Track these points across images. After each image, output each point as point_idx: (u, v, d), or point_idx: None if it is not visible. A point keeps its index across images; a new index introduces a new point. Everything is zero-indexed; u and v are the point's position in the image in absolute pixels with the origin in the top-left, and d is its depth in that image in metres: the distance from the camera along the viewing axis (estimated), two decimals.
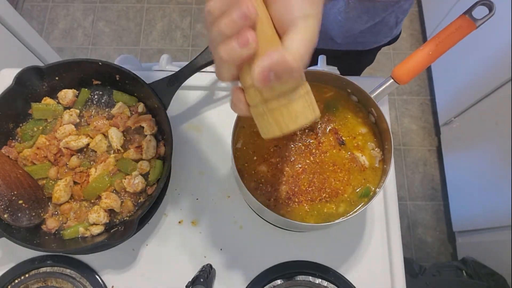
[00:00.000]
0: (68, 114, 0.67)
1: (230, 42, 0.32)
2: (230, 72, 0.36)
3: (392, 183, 0.71)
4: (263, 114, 0.37)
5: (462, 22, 0.56)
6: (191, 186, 0.71)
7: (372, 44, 0.90)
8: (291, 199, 0.58)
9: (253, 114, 0.38)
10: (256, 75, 0.32)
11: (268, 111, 0.36)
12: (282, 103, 0.35)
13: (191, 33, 2.11)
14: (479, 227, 1.52)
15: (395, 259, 0.67)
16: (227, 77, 0.36)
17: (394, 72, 0.59)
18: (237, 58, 0.33)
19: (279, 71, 0.32)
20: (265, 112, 0.36)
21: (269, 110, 0.36)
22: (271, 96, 0.35)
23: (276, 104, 0.36)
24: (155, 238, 0.68)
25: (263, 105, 0.36)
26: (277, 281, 0.65)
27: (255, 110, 0.37)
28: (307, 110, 0.36)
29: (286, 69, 0.32)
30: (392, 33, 0.88)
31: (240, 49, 0.32)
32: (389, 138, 0.57)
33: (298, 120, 0.36)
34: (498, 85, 1.35)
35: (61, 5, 2.15)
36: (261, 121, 0.38)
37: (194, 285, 0.56)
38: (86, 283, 0.64)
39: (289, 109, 0.36)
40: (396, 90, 1.99)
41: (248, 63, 0.34)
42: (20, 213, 0.59)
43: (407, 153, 1.90)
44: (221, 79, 0.37)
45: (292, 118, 0.36)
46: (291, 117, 0.36)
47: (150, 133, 0.67)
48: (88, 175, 0.65)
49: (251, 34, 0.32)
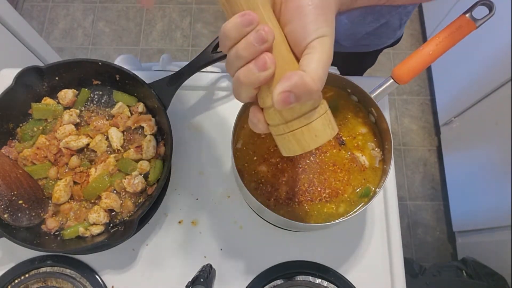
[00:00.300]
0: (68, 114, 0.67)
1: (248, 65, 0.33)
2: (248, 94, 0.36)
3: (392, 183, 0.71)
4: (284, 133, 0.37)
5: (462, 22, 0.56)
6: (191, 186, 0.71)
7: (375, 46, 0.90)
8: (291, 199, 0.58)
9: (273, 133, 0.39)
10: (276, 97, 0.32)
11: (289, 131, 0.37)
12: (302, 123, 0.36)
13: (191, 33, 2.11)
14: (479, 227, 1.52)
15: (395, 259, 0.67)
16: (245, 99, 0.36)
17: (394, 72, 0.59)
18: (255, 81, 0.33)
19: (299, 93, 0.32)
20: (286, 132, 0.37)
21: (290, 130, 0.36)
22: (291, 117, 0.36)
23: (297, 125, 0.36)
24: (155, 238, 0.68)
25: (284, 125, 0.36)
26: (277, 281, 0.65)
27: (275, 129, 0.38)
28: (327, 129, 0.37)
29: (306, 91, 0.32)
30: (395, 35, 0.88)
31: (258, 72, 0.32)
32: (389, 138, 0.57)
33: (319, 139, 0.37)
34: (498, 85, 1.35)
35: (61, 5, 2.15)
36: (282, 140, 0.38)
37: (194, 285, 0.56)
38: (86, 283, 0.64)
39: (310, 128, 0.36)
40: (396, 90, 1.99)
41: (266, 84, 0.35)
42: (20, 213, 0.59)
43: (407, 153, 1.90)
44: (239, 99, 0.37)
45: (312, 138, 0.37)
46: (312, 136, 0.37)
47: (150, 133, 0.67)
48: (88, 175, 0.65)
49: (269, 57, 0.32)
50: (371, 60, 1.03)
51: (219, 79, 0.78)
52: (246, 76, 0.33)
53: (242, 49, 0.32)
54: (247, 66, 0.33)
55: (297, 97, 0.32)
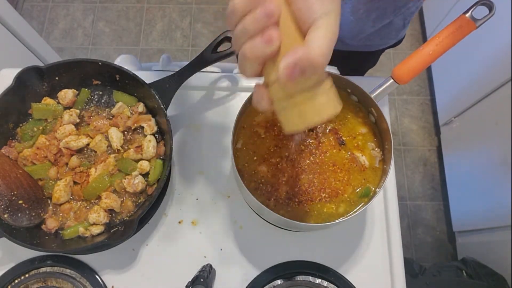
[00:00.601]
0: (68, 114, 0.67)
1: (254, 40, 0.33)
2: (253, 69, 0.37)
3: (392, 183, 0.71)
4: (287, 108, 0.37)
5: (462, 22, 0.56)
6: (191, 186, 0.71)
7: (378, 46, 0.91)
8: (291, 199, 0.58)
9: (276, 109, 0.39)
10: (282, 70, 0.33)
11: (292, 105, 0.37)
12: (306, 97, 0.36)
13: (191, 33, 2.11)
14: (479, 227, 1.52)
15: (395, 259, 0.67)
16: (250, 74, 0.37)
17: (394, 72, 0.59)
18: (260, 55, 0.34)
19: (304, 67, 0.33)
20: (289, 106, 0.37)
21: (293, 104, 0.37)
22: (295, 92, 0.36)
23: (301, 98, 0.36)
24: (155, 238, 0.68)
25: (287, 100, 0.37)
26: (277, 281, 0.65)
27: (278, 105, 0.38)
28: (330, 104, 0.37)
29: (310, 65, 0.33)
30: (398, 36, 0.89)
31: (263, 46, 0.33)
32: (389, 138, 0.57)
33: (322, 114, 0.37)
34: (498, 85, 1.35)
35: (61, 5, 2.15)
36: (284, 115, 0.38)
37: (194, 285, 0.56)
38: (86, 283, 0.64)
39: (314, 103, 0.37)
40: (396, 90, 1.99)
41: (271, 60, 0.35)
42: (20, 213, 0.59)
43: (407, 153, 1.90)
44: (244, 75, 0.38)
45: (316, 112, 0.37)
46: (315, 111, 0.37)
47: (150, 133, 0.67)
48: (88, 175, 0.65)
49: (275, 31, 0.33)
50: (372, 61, 1.03)
51: (219, 79, 0.78)
52: (252, 50, 0.34)
53: (249, 23, 0.33)
54: (253, 41, 0.34)
55: (302, 71, 0.33)
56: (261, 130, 0.62)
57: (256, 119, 0.63)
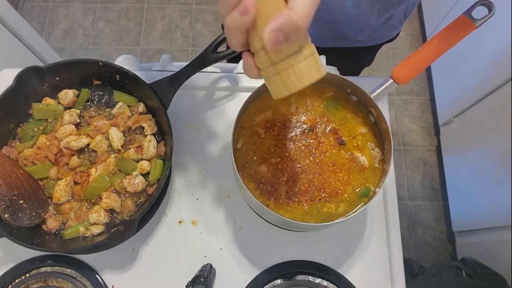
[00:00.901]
0: (68, 114, 0.68)
1: (232, 12, 0.35)
2: (239, 40, 0.38)
3: (392, 183, 0.71)
4: (272, 76, 0.39)
5: (462, 22, 0.56)
6: (191, 186, 0.71)
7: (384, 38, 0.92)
8: (291, 199, 0.58)
9: (263, 77, 0.40)
10: (266, 37, 0.34)
11: (276, 73, 0.38)
12: (289, 65, 0.38)
13: (191, 33, 2.11)
14: (479, 227, 1.52)
15: (395, 259, 0.67)
16: (236, 45, 0.38)
17: (393, 72, 0.59)
18: (240, 26, 0.36)
19: (287, 31, 0.34)
20: (274, 74, 0.39)
21: (277, 72, 0.38)
22: (278, 59, 0.37)
23: (284, 66, 0.38)
24: (155, 238, 0.68)
25: (272, 67, 0.38)
26: (277, 281, 0.65)
27: (264, 73, 0.40)
28: (312, 70, 0.38)
29: (293, 28, 0.34)
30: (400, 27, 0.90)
31: (241, 17, 0.35)
32: (389, 138, 0.57)
33: (304, 80, 0.38)
34: (498, 85, 1.35)
35: (61, 5, 2.15)
36: (271, 83, 0.40)
37: (194, 285, 0.56)
38: (86, 282, 0.64)
39: (295, 70, 0.38)
40: (396, 90, 1.99)
41: (254, 29, 0.37)
42: (21, 213, 0.59)
43: (407, 153, 1.90)
44: (232, 47, 0.39)
45: (298, 79, 0.38)
46: (297, 78, 0.38)
47: (150, 133, 0.67)
48: (89, 175, 0.65)
49: (250, 2, 0.34)
50: (369, 59, 1.04)
51: (219, 79, 0.78)
52: (232, 22, 0.36)
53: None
54: (232, 13, 0.35)
55: (285, 36, 0.34)
56: (261, 130, 0.62)
57: (256, 119, 0.63)
